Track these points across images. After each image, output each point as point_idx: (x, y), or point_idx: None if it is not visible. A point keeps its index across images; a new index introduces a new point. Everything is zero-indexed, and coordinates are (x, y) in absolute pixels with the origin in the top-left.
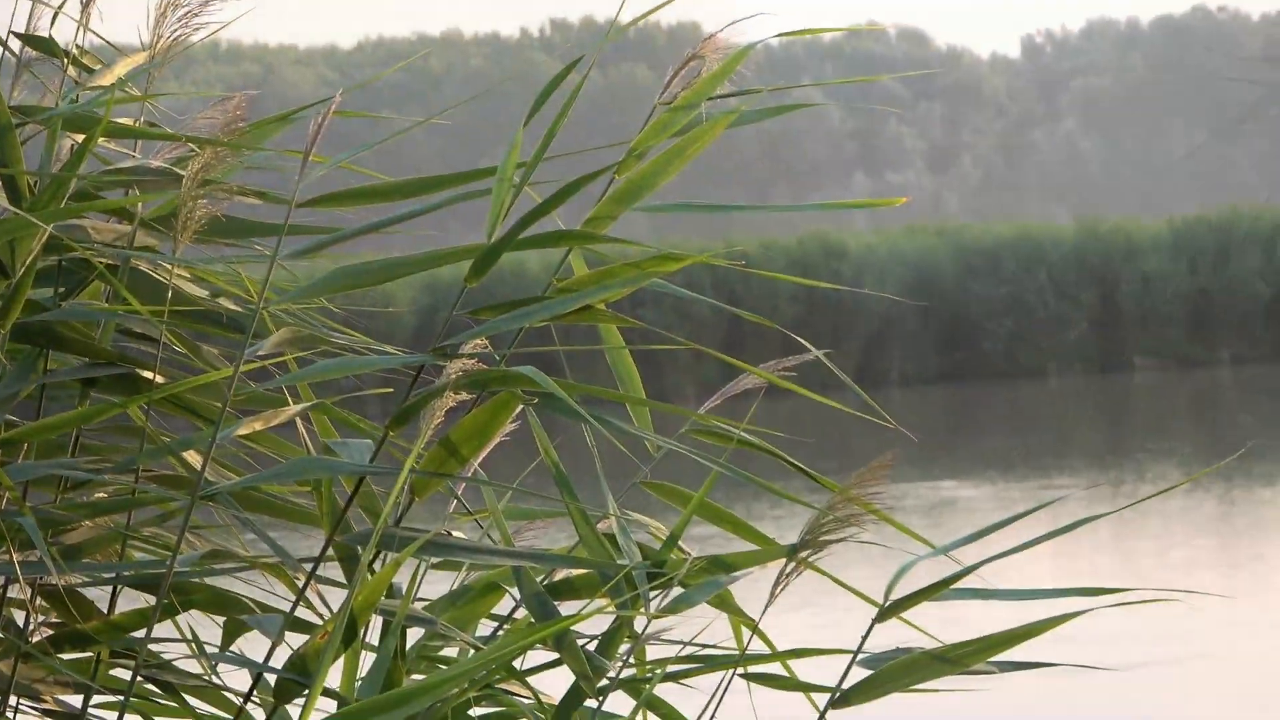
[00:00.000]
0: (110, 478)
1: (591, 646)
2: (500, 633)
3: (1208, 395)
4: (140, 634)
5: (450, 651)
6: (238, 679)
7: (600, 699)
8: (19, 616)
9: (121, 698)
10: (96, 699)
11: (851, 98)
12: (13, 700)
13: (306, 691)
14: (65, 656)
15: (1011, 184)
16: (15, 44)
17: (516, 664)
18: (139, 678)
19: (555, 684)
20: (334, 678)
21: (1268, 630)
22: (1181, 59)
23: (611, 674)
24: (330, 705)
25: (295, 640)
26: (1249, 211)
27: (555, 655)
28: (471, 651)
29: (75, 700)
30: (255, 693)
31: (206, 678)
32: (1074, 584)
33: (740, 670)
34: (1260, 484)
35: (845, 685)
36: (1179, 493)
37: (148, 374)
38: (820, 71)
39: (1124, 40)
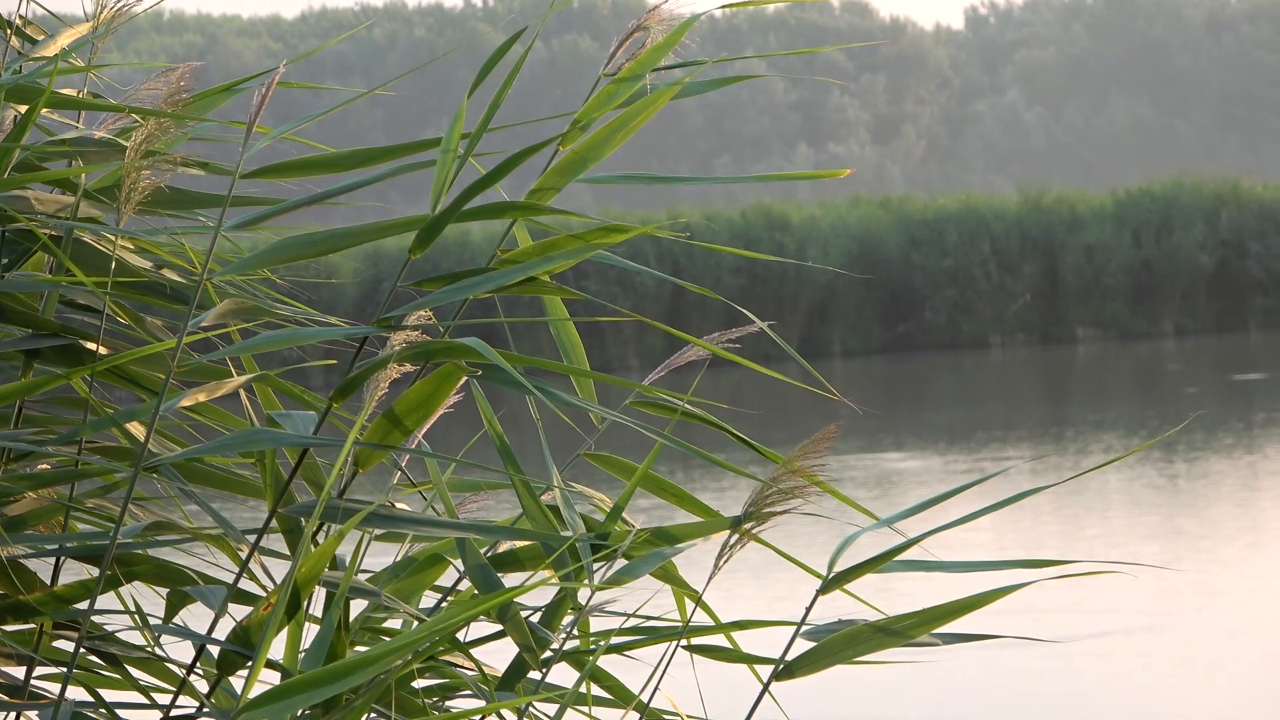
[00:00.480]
0: (53, 449)
1: (535, 618)
2: (444, 604)
3: (1150, 367)
4: (83, 606)
5: (394, 623)
6: (181, 650)
7: (544, 671)
8: None
9: (64, 669)
10: (39, 670)
11: (795, 69)
12: None
13: (250, 663)
14: (8, 628)
15: (955, 155)
16: None
17: (460, 636)
18: (82, 649)
19: (499, 656)
20: (277, 650)
21: (1211, 602)
22: (1125, 30)
23: (555, 646)
24: (274, 677)
25: (238, 612)
26: (1192, 183)
27: (499, 627)
28: (415, 623)
29: (18, 672)
30: (198, 664)
31: (150, 649)
32: (1017, 556)
33: (684, 642)
34: (1203, 456)
35: (789, 657)
36: (1122, 465)
37: (91, 345)
38: (764, 43)
39: (1067, 11)
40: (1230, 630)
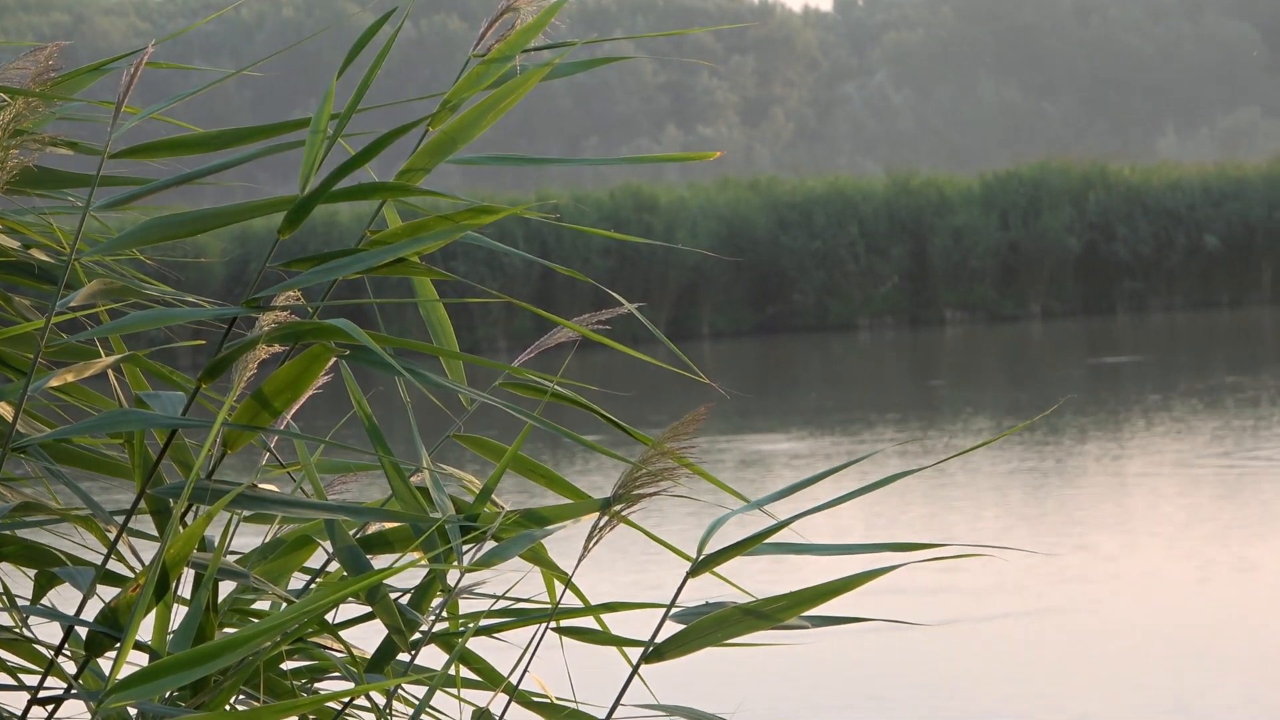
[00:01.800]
0: None
1: (404, 600)
2: (313, 586)
3: (1018, 349)
4: None
5: (262, 605)
6: (49, 632)
7: (413, 653)
8: None
9: None
10: None
11: (664, 50)
12: None
13: (118, 645)
14: None
15: (823, 137)
16: None
17: (329, 617)
18: None
19: (368, 638)
20: (145, 631)
21: (1079, 587)
22: (993, 12)
23: (424, 628)
24: (142, 658)
25: (107, 593)
26: (1059, 166)
27: (368, 609)
28: (284, 605)
29: None
30: (66, 646)
31: (17, 630)
32: (887, 540)
33: (553, 624)
34: (1071, 439)
35: (658, 639)
36: (990, 448)
37: None
38: (632, 25)
39: None
40: (1098, 614)
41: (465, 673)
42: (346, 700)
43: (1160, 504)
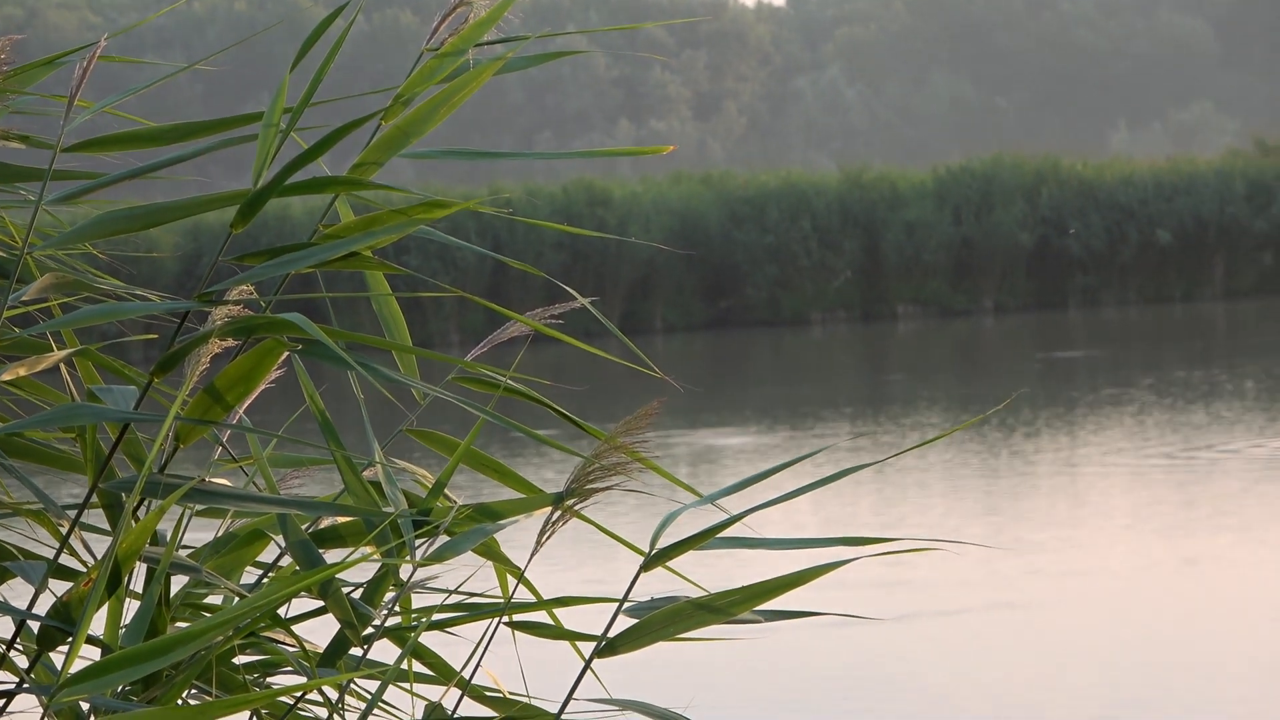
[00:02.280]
0: None
1: (357, 594)
2: (265, 581)
3: (970, 344)
4: None
5: (215, 599)
6: (0, 626)
7: (365, 647)
8: None
9: None
10: None
11: (616, 45)
12: None
13: (70, 639)
14: None
15: (776, 132)
16: None
17: (281, 612)
18: None
19: (320, 632)
20: (98, 625)
21: (1030, 581)
22: (945, 7)
23: (376, 622)
24: (94, 653)
25: (59, 587)
26: (1012, 161)
27: (320, 603)
28: (236, 599)
29: None
30: (18, 640)
31: None
32: (839, 534)
33: (506, 619)
34: (1023, 434)
35: (611, 634)
36: (942, 443)
37: None
38: (585, 19)
39: None
40: (1051, 609)
41: (418, 667)
42: (299, 695)
43: (1113, 498)
